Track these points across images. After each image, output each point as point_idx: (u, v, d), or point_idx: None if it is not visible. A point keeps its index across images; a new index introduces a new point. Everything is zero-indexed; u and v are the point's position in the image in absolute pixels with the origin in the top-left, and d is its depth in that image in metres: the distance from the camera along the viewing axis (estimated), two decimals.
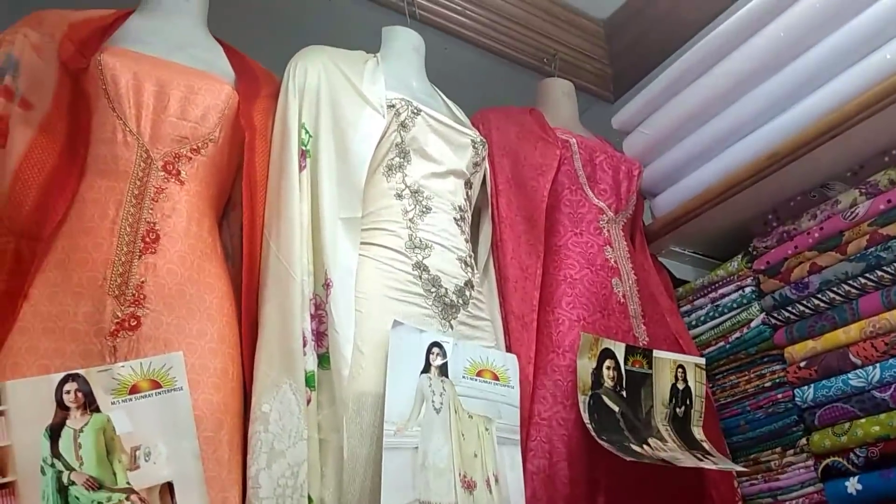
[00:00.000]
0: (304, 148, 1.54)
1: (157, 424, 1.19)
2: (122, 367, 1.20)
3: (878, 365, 1.68)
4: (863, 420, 1.69)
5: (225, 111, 1.48)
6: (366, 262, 1.51)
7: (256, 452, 1.29)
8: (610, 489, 1.62)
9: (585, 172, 1.96)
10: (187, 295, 1.32)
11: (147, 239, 1.31)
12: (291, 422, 1.31)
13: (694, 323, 2.10)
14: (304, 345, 1.37)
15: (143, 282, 1.28)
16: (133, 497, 1.14)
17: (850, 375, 1.72)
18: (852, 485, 1.69)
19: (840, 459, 1.72)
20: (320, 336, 1.41)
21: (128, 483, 1.14)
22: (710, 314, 2.06)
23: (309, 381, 1.35)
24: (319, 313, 1.43)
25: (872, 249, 1.72)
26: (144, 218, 1.33)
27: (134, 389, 1.19)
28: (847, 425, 1.71)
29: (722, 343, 2.01)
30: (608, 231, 1.92)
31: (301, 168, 1.51)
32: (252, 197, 1.49)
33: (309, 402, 1.34)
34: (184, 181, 1.40)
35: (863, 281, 1.74)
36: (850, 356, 1.73)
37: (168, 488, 1.19)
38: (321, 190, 1.50)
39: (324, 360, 1.40)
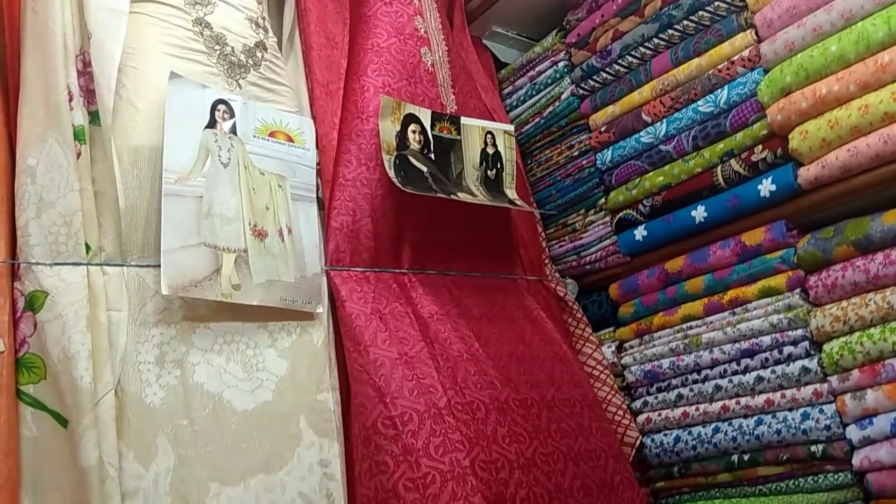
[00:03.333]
0: None
1: None
2: None
3: (664, 120, 1.79)
4: (650, 173, 1.82)
5: None
6: (140, 18, 1.43)
7: (24, 204, 1.26)
8: (416, 244, 1.70)
9: None
10: None
11: None
12: (60, 174, 1.27)
13: (514, 104, 2.15)
14: (71, 99, 1.31)
15: None
16: None
17: (641, 134, 1.83)
18: (639, 232, 1.84)
19: (630, 211, 1.86)
20: (90, 93, 1.35)
21: None
22: (528, 93, 2.11)
23: (78, 135, 1.31)
24: (88, 70, 1.36)
25: (665, 9, 1.78)
26: None
27: None
28: (637, 180, 1.85)
29: (538, 119, 2.08)
30: (419, 1, 1.89)
31: None
32: None
33: (79, 155, 1.30)
34: None
35: (656, 41, 1.81)
36: (643, 115, 1.83)
37: None
38: None
39: (95, 116, 1.35)
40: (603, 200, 1.94)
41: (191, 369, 1.32)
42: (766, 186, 1.59)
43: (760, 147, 1.61)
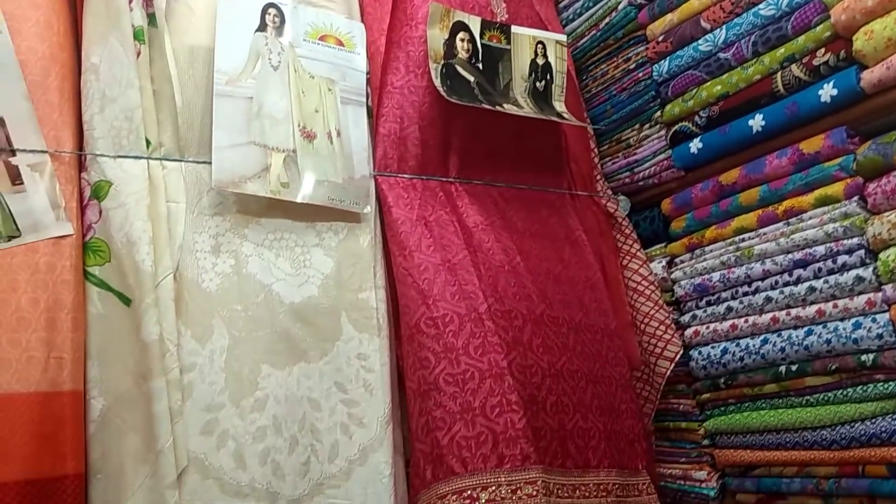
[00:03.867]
0: None
1: None
2: None
3: (724, 26, 1.72)
4: (708, 83, 1.77)
5: None
6: None
7: (89, 99, 1.34)
8: (463, 153, 1.72)
9: None
10: None
11: None
12: (121, 72, 1.35)
13: (571, 17, 2.11)
14: (131, 1, 1.38)
15: None
16: None
17: (699, 42, 1.77)
18: (695, 145, 1.80)
19: (686, 124, 1.82)
20: None
21: None
22: (585, 5, 2.06)
23: (137, 35, 1.38)
24: None
25: None
26: None
27: None
28: (694, 91, 1.79)
29: (594, 32, 2.04)
30: None
31: None
32: None
33: (139, 55, 1.37)
34: None
35: None
36: (701, 22, 1.77)
37: (0, 123, 1.25)
38: None
39: (152, 18, 1.41)
40: (658, 114, 1.89)
41: (244, 260, 1.40)
42: (826, 91, 1.52)
43: (822, 50, 1.53)
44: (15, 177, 1.26)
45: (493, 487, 1.38)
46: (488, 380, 1.48)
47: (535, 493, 1.41)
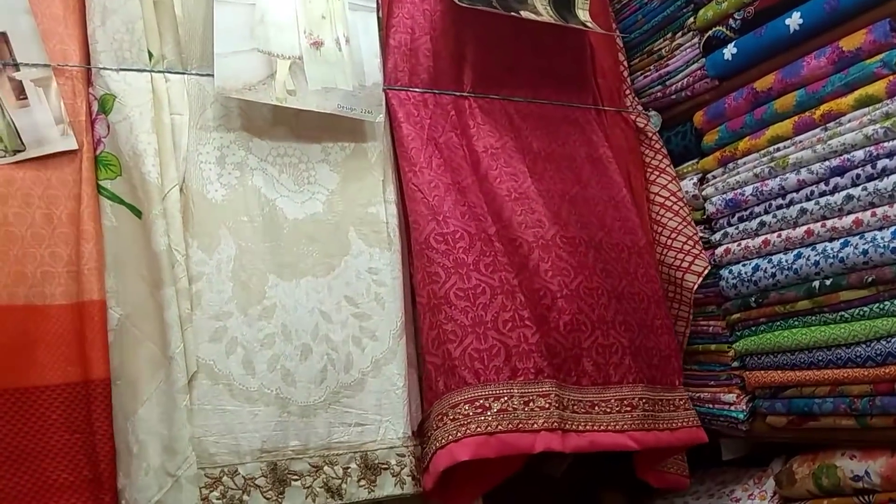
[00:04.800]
0: None
1: None
2: None
3: None
4: None
5: None
6: None
7: (91, 13, 1.34)
8: (479, 65, 1.65)
9: None
10: None
11: None
12: None
13: None
14: None
15: None
16: None
17: None
18: (728, 51, 1.69)
19: (720, 28, 1.71)
20: None
21: None
22: None
23: None
24: None
25: None
26: None
27: None
28: None
29: None
30: None
31: None
32: None
33: None
34: None
35: None
36: None
37: (3, 38, 1.26)
38: None
39: None
40: (692, 20, 1.78)
41: (249, 173, 1.39)
42: None
43: None
44: (19, 92, 1.27)
45: (506, 398, 1.37)
46: (500, 296, 1.45)
47: (547, 405, 1.39)
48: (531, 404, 1.39)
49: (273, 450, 1.30)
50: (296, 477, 1.31)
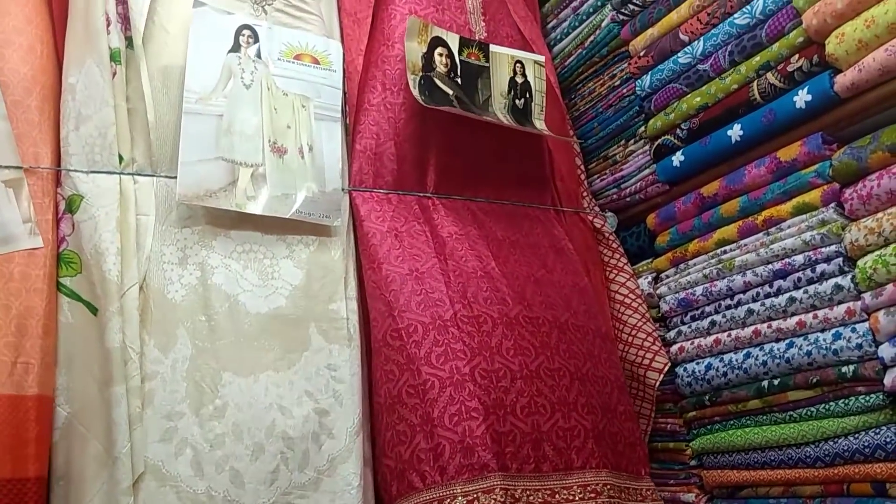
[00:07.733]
0: None
1: None
2: None
3: (701, 38, 1.72)
4: (688, 95, 1.76)
5: None
6: None
7: (66, 118, 1.41)
8: (442, 169, 1.73)
9: None
10: None
11: None
12: (97, 91, 1.41)
13: (558, 37, 2.13)
14: (108, 25, 1.45)
15: None
16: None
17: (679, 54, 1.77)
18: (677, 158, 1.79)
19: (669, 137, 1.81)
20: (126, 20, 1.48)
21: None
22: (572, 24, 2.08)
23: (114, 57, 1.44)
24: None
25: None
26: None
27: None
28: (675, 103, 1.78)
29: (580, 50, 2.05)
30: None
31: None
32: None
33: (115, 75, 1.43)
34: None
35: None
36: (680, 35, 1.76)
37: None
38: None
39: (130, 41, 1.47)
40: (643, 129, 1.88)
41: (210, 271, 1.42)
42: (801, 97, 1.50)
43: (796, 56, 1.51)
44: None
45: (448, 500, 1.35)
46: (448, 388, 1.45)
47: (492, 502, 1.37)
48: (476, 503, 1.37)
49: None
50: None
